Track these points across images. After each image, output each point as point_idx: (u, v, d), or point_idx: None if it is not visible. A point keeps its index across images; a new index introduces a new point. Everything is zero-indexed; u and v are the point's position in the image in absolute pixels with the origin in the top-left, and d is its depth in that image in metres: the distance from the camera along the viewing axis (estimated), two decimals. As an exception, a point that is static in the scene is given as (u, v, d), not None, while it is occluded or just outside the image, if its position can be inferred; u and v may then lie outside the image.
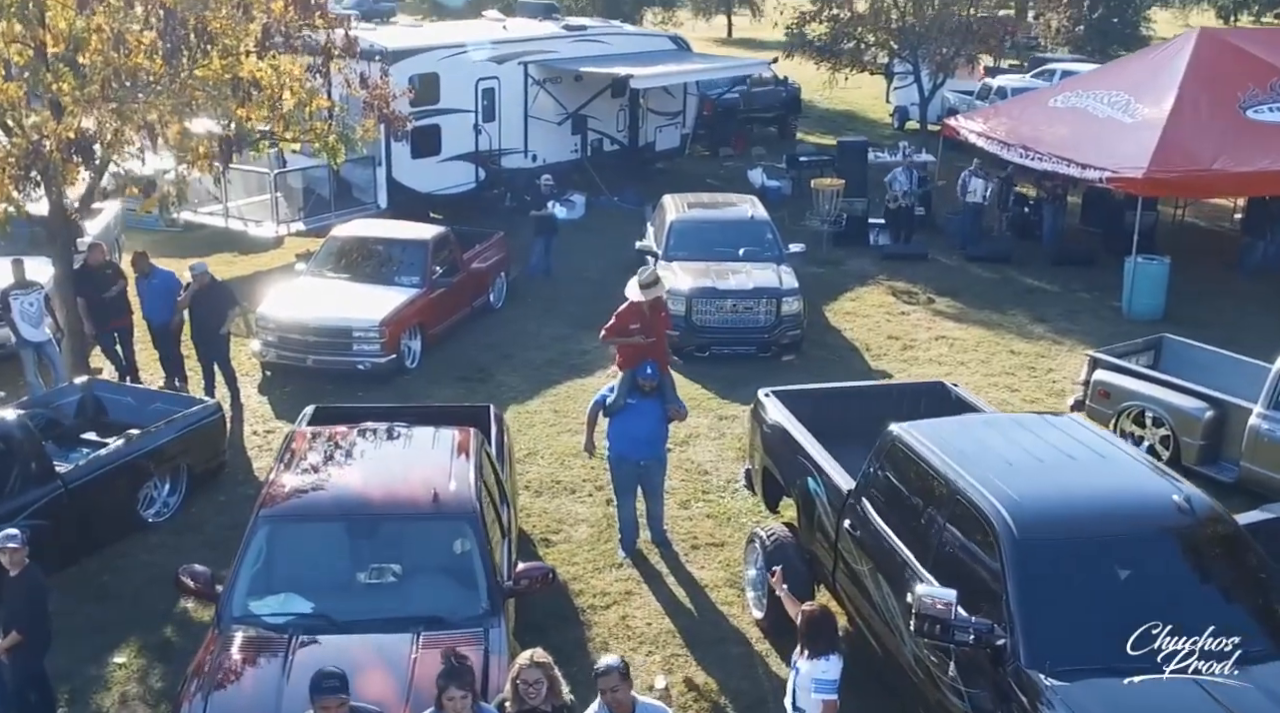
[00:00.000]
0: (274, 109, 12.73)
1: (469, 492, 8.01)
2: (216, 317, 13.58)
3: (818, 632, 6.71)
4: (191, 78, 11.99)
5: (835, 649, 6.71)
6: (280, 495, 7.96)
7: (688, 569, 10.30)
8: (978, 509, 6.82)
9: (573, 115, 23.30)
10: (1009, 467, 7.23)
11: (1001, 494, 6.81)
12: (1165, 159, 17.37)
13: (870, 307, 17.96)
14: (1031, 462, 7.34)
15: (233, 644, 7.12)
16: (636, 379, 10.16)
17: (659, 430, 10.32)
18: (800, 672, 6.75)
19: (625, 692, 6.16)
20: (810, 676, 6.67)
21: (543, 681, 6.16)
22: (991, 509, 6.72)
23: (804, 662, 6.73)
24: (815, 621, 6.76)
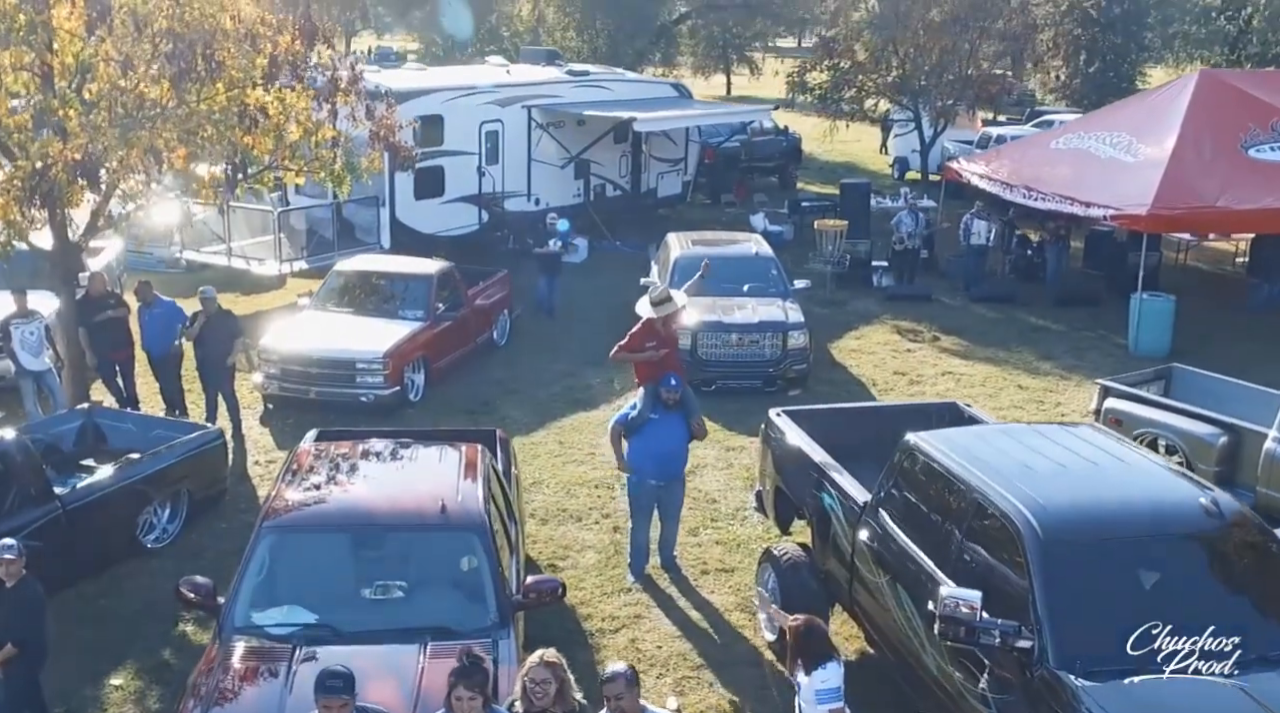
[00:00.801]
0: (279, 140, 12.71)
1: (477, 504, 7.84)
2: (223, 346, 13.46)
3: (808, 643, 6.49)
4: (198, 106, 11.98)
5: (831, 657, 6.49)
6: (284, 507, 7.79)
7: (698, 594, 10.10)
8: (1000, 513, 6.67)
9: (575, 159, 23.35)
10: (1030, 471, 7.08)
11: (1025, 497, 6.65)
12: (1169, 196, 17.39)
13: (875, 344, 17.88)
14: (1054, 467, 7.19)
15: (233, 655, 6.92)
16: (660, 392, 10.02)
17: (682, 447, 10.18)
18: (801, 687, 6.53)
19: (632, 700, 5.92)
20: (811, 688, 6.45)
21: (551, 681, 5.96)
22: (1015, 511, 6.57)
23: (802, 677, 6.51)
24: (804, 633, 6.54)
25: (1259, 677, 5.76)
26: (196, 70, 11.31)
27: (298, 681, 6.60)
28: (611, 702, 5.92)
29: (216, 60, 11.52)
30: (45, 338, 13.23)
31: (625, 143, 24.69)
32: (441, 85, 21.35)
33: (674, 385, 10.04)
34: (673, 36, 43.51)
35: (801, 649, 6.47)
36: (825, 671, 6.45)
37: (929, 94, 25.50)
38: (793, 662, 6.60)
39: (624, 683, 5.92)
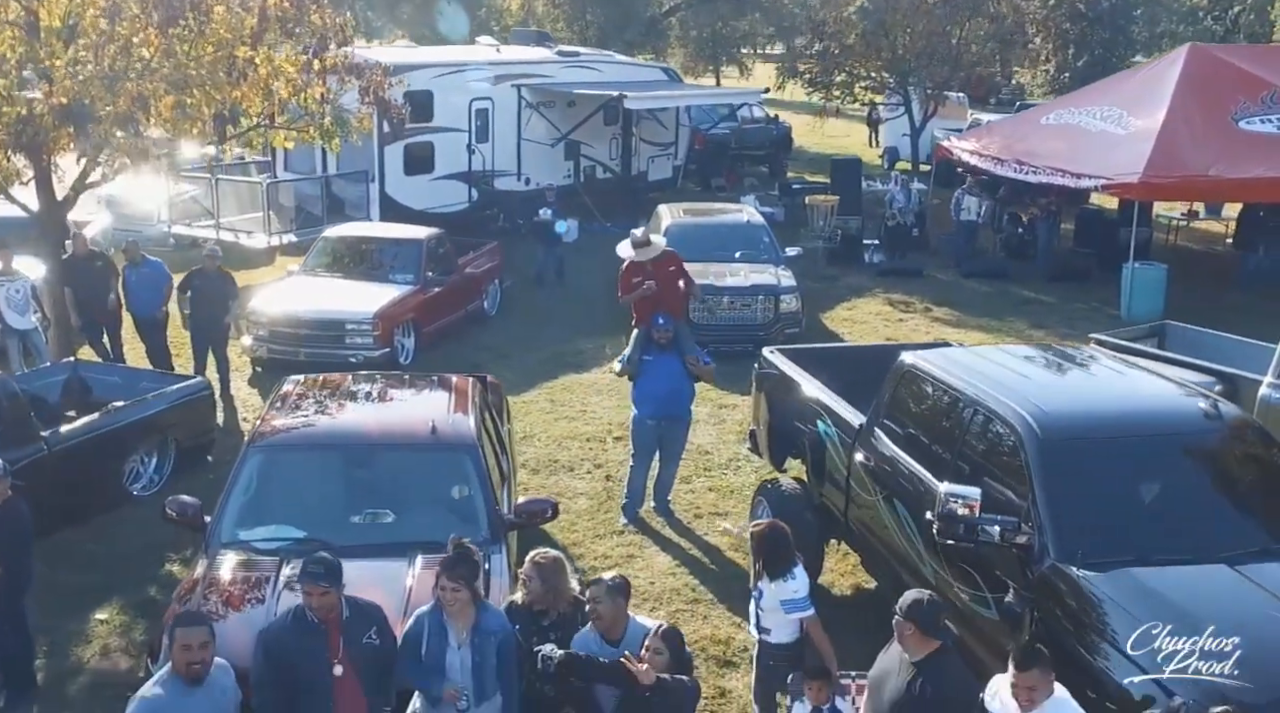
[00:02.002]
0: (268, 97, 12.62)
1: (469, 425, 7.75)
2: (220, 304, 13.32)
3: (774, 548, 6.38)
4: (187, 61, 11.88)
5: (796, 562, 6.41)
6: (271, 430, 7.68)
7: (691, 535, 10.01)
8: (999, 417, 6.59)
9: (565, 139, 23.26)
10: (1029, 380, 7.02)
11: (1022, 400, 6.58)
12: (1160, 166, 17.37)
13: (867, 314, 17.82)
14: (1052, 377, 7.15)
15: (221, 566, 6.80)
16: (651, 334, 9.93)
17: (681, 386, 10.08)
18: (765, 595, 6.41)
19: (610, 606, 5.73)
20: (778, 598, 6.34)
21: (533, 578, 5.87)
22: (1013, 414, 6.49)
23: (767, 585, 6.40)
24: (769, 537, 6.43)
25: (1261, 567, 5.68)
26: (185, 18, 11.19)
27: (285, 591, 6.48)
28: (590, 605, 5.78)
29: (205, 12, 11.41)
30: (31, 296, 13.09)
31: (616, 125, 24.62)
32: (431, 61, 21.27)
33: (661, 325, 9.95)
34: (662, 30, 43.46)
35: (766, 554, 6.38)
36: (794, 579, 6.35)
37: (919, 76, 25.47)
38: (757, 568, 6.49)
39: (604, 589, 5.76)
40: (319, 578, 5.42)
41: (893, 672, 5.22)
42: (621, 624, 5.78)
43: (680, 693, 5.46)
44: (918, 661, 5.12)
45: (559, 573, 6.12)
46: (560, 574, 6.12)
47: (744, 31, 52.17)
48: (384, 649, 5.60)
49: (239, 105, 12.41)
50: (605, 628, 5.72)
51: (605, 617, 5.74)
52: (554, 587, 6.04)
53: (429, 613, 5.69)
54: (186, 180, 20.45)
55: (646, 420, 10.03)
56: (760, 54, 61.88)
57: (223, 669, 5.31)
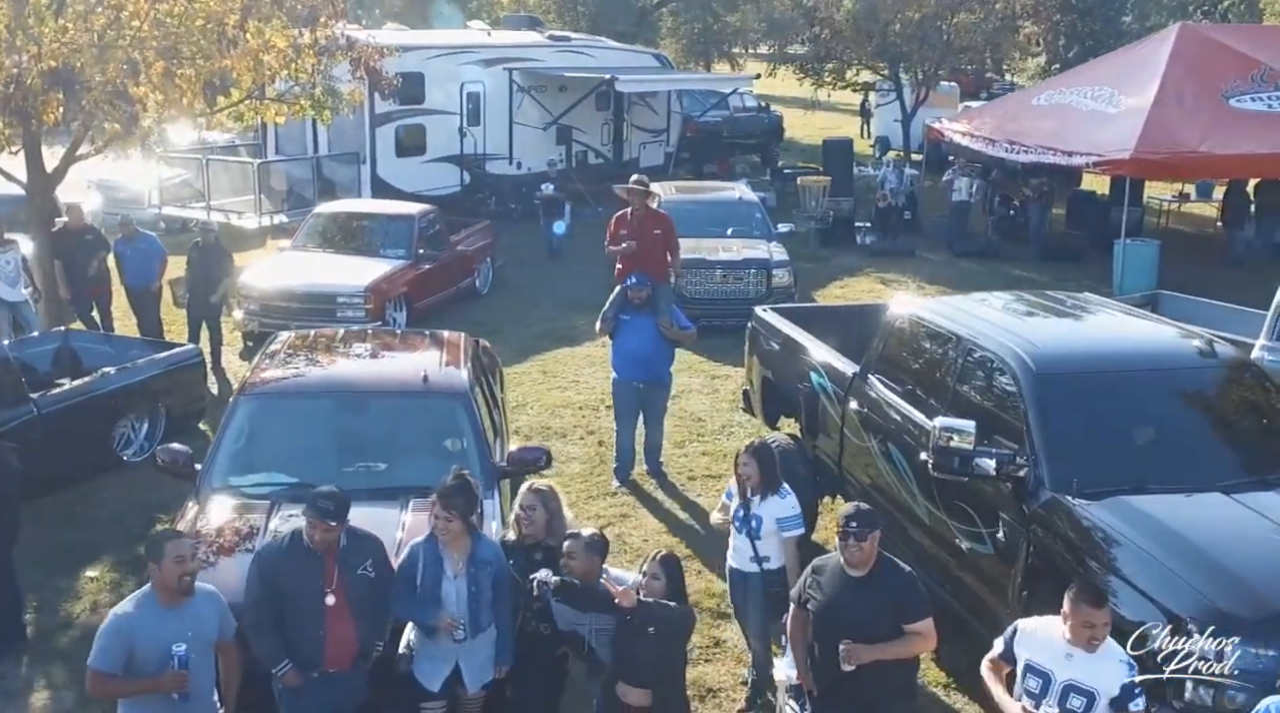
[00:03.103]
0: (258, 69, 12.58)
1: (462, 375, 7.72)
2: (215, 277, 13.28)
3: (767, 465, 6.42)
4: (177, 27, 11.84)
5: (783, 482, 6.46)
6: (261, 380, 7.63)
7: (684, 496, 9.98)
8: (993, 355, 6.57)
9: (557, 122, 23.22)
10: (1023, 321, 7.03)
11: (1016, 339, 6.57)
12: (1151, 142, 17.38)
13: (859, 292, 17.78)
14: (1046, 318, 7.14)
15: (210, 509, 6.75)
16: (626, 292, 9.91)
17: (656, 349, 10.02)
18: (763, 520, 6.41)
19: (584, 561, 5.64)
20: (775, 516, 6.39)
21: (537, 507, 5.84)
22: (1007, 351, 6.48)
23: (761, 506, 6.41)
24: (761, 454, 6.46)
25: (1257, 495, 5.66)
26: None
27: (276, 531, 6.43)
28: (564, 560, 5.71)
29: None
30: (22, 268, 13.02)
31: (607, 110, 24.60)
32: (423, 44, 21.24)
33: (634, 284, 9.89)
34: (653, 23, 43.44)
35: (764, 468, 6.39)
36: (785, 498, 6.40)
37: (911, 60, 25.49)
38: (747, 495, 6.47)
39: (581, 545, 5.68)
40: (327, 514, 5.38)
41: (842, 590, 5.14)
42: (594, 578, 5.70)
43: (672, 618, 5.42)
44: (871, 572, 5.11)
45: (559, 501, 6.12)
46: (559, 503, 6.12)
47: (735, 27, 52.25)
48: (379, 582, 5.56)
49: (229, 76, 12.35)
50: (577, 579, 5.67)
51: (577, 572, 5.68)
52: (556, 512, 6.03)
53: (424, 544, 5.66)
54: (177, 163, 20.47)
55: (624, 383, 10.01)
56: (751, 53, 61.97)
57: (207, 595, 5.26)
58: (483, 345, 10.35)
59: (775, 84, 35.90)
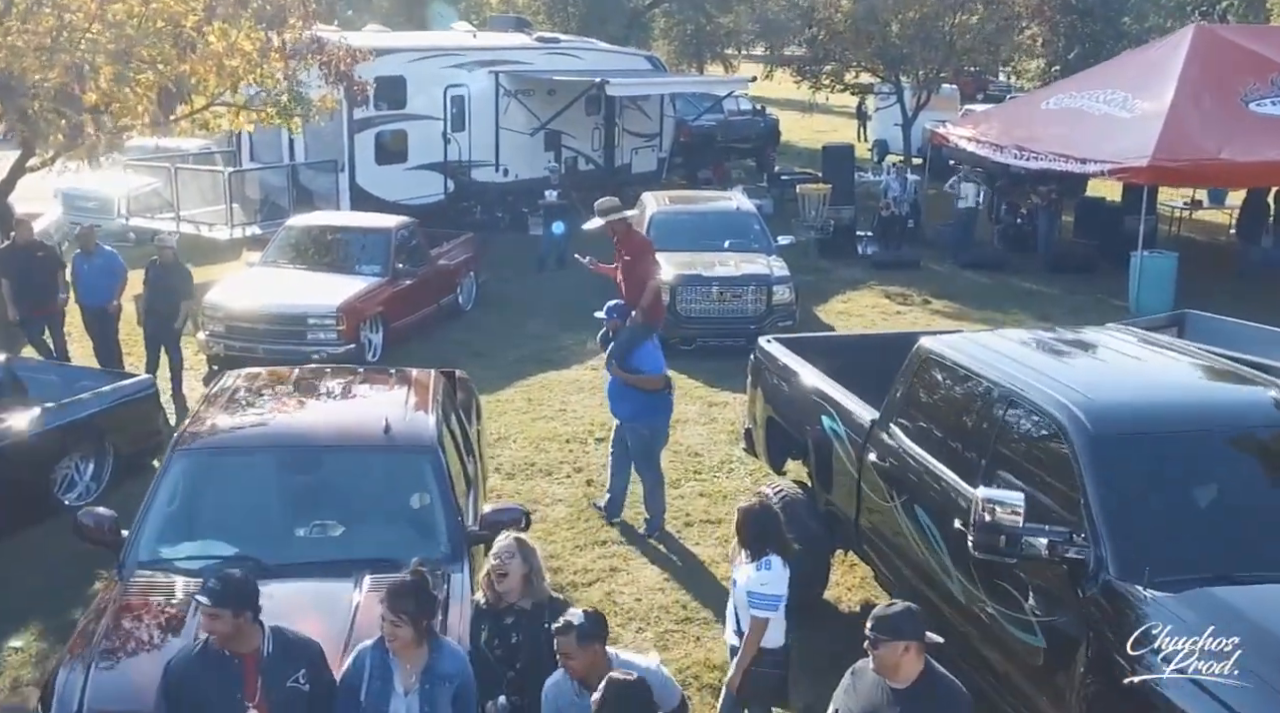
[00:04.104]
0: (221, 71, 11.67)
1: (428, 424, 6.80)
2: (173, 298, 12.35)
3: (758, 529, 5.64)
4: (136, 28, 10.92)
5: (776, 554, 5.61)
6: (201, 430, 6.71)
7: (680, 545, 9.07)
8: (1039, 409, 5.67)
9: (545, 128, 22.28)
10: (1068, 366, 6.13)
11: (1066, 390, 5.66)
12: (1169, 149, 16.51)
13: (863, 307, 16.94)
14: (1093, 361, 6.24)
15: (131, 595, 5.81)
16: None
17: (614, 388, 9.18)
18: (738, 581, 5.61)
19: (584, 657, 4.78)
20: (748, 588, 5.55)
21: (516, 557, 4.98)
22: (1056, 404, 5.57)
23: (743, 564, 5.62)
24: (755, 515, 5.70)
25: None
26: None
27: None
28: (560, 658, 4.84)
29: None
30: (-33, 289, 12.09)
31: (598, 115, 23.68)
32: (404, 46, 20.31)
33: (602, 316, 9.20)
34: (645, 24, 42.53)
35: (749, 533, 5.59)
36: (769, 569, 5.54)
37: (912, 62, 24.60)
38: (737, 547, 5.71)
39: (573, 640, 4.78)
40: (211, 596, 4.48)
41: (879, 703, 4.33)
42: (600, 668, 4.82)
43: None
44: (913, 686, 4.26)
45: (538, 557, 5.29)
46: (539, 559, 5.28)
47: (728, 28, 51.36)
48: (314, 696, 4.66)
49: (188, 82, 11.43)
50: (582, 677, 4.78)
51: (580, 671, 4.80)
52: (536, 569, 5.19)
53: (371, 650, 4.76)
54: (147, 171, 19.52)
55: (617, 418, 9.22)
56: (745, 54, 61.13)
57: None
58: (459, 376, 9.50)
59: (771, 86, 35.06)
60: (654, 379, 9.10)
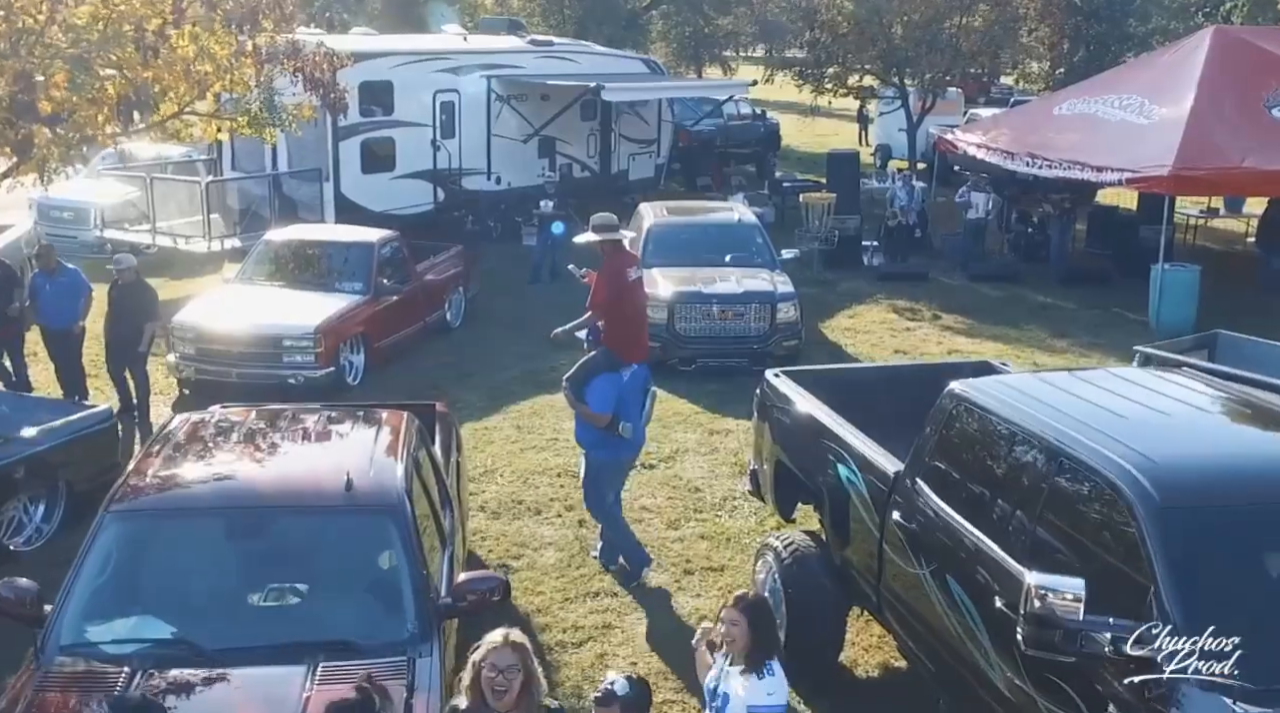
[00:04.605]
0: (188, 75, 10.89)
1: (394, 479, 6.03)
2: (136, 326, 11.62)
3: (761, 629, 4.85)
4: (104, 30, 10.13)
5: (776, 657, 4.86)
6: (139, 486, 5.94)
7: (680, 598, 8.30)
8: (1093, 471, 4.91)
9: (539, 134, 21.50)
10: (1123, 420, 5.34)
11: (1127, 452, 4.90)
12: (1191, 157, 15.75)
13: (871, 322, 16.17)
14: (1152, 415, 5.46)
15: (47, 684, 5.05)
16: None
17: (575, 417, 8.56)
18: (731, 699, 4.80)
19: None
20: (752, 701, 4.75)
21: (517, 668, 4.22)
22: (1116, 468, 4.80)
23: (738, 678, 4.82)
24: (759, 612, 4.91)
25: None
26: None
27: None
28: None
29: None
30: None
31: (594, 120, 22.91)
32: (391, 49, 19.55)
33: (586, 334, 8.75)
34: (643, 26, 41.78)
35: (753, 636, 4.77)
36: (772, 677, 4.79)
37: (918, 65, 23.84)
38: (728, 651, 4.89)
39: (618, 710, 4.30)
40: None
41: None
42: None
43: None
44: None
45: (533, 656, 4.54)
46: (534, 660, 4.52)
47: (727, 30, 50.63)
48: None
49: (151, 89, 10.67)
50: None
51: None
52: (534, 674, 4.44)
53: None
54: (125, 181, 18.76)
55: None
56: (744, 57, 60.45)
57: None
58: (439, 411, 8.75)
59: (770, 89, 34.29)
60: (595, 416, 8.37)
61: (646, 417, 8.72)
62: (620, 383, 8.37)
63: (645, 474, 10.48)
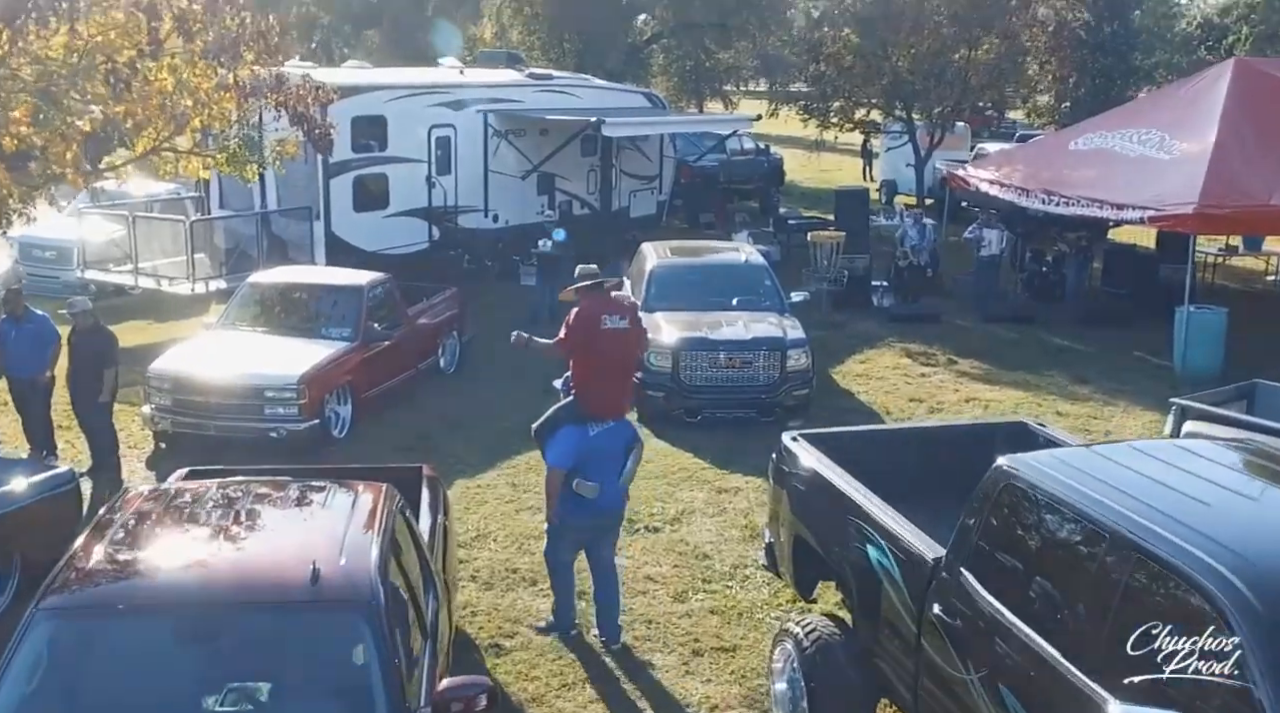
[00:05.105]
0: (164, 110, 10.28)
1: (367, 567, 5.29)
2: (96, 373, 10.96)
3: None
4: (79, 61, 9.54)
5: None
6: (77, 578, 5.21)
7: (690, 683, 7.54)
8: (1180, 573, 4.20)
9: (538, 170, 20.89)
10: (1207, 508, 4.63)
11: (1218, 550, 4.19)
12: (1216, 193, 15.10)
13: (883, 368, 15.47)
14: (1237, 500, 4.76)
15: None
16: None
17: None
18: None
19: None
20: None
21: None
22: (1205, 568, 4.10)
23: None
24: None
25: None
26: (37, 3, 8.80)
27: None
28: None
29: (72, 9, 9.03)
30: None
31: (594, 156, 22.30)
32: (384, 83, 18.97)
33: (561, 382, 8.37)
34: (644, 60, 41.35)
35: None
36: None
37: (927, 99, 23.28)
38: None
39: None
40: None
41: None
42: None
43: None
44: None
45: None
46: None
47: (728, 64, 50.29)
48: None
49: (123, 124, 10.04)
50: None
51: None
52: None
53: None
54: (111, 219, 18.15)
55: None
56: (745, 91, 60.16)
57: None
58: (428, 475, 8.05)
59: (772, 123, 33.79)
60: (550, 469, 7.85)
61: (627, 477, 8.04)
62: (584, 438, 7.80)
63: (649, 538, 9.77)
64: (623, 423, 8.12)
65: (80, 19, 9.24)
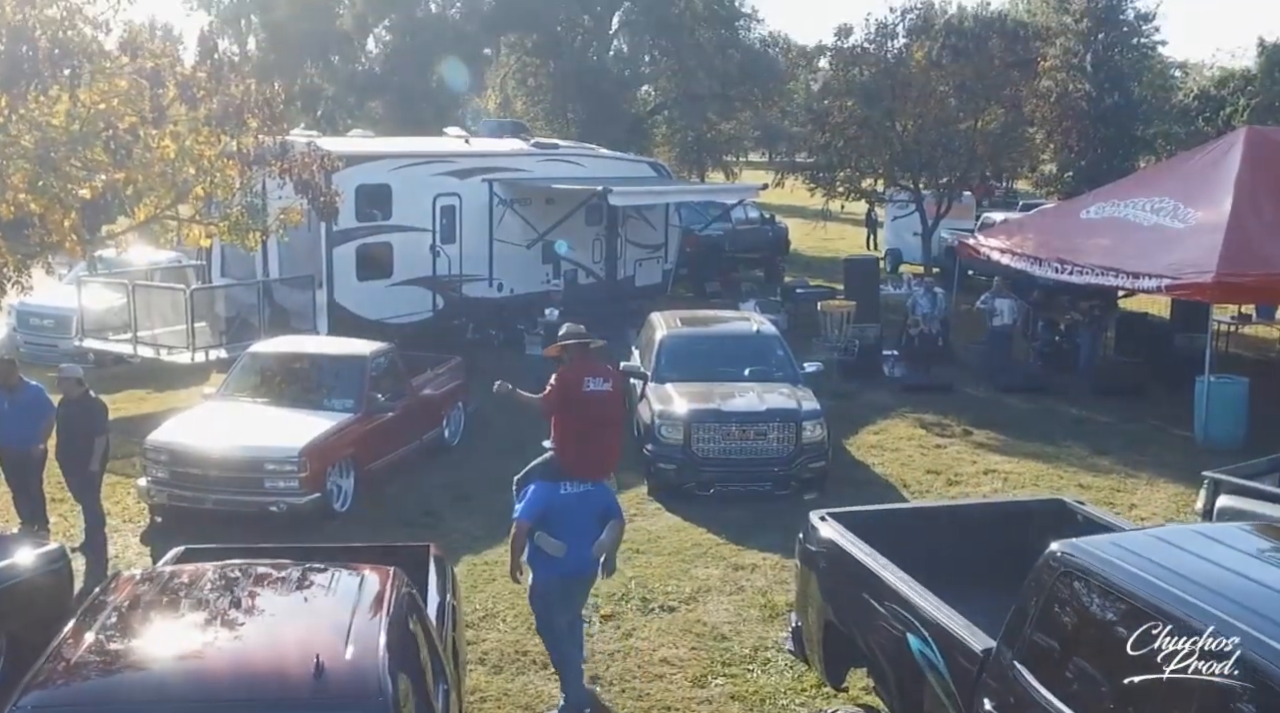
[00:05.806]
0: (165, 177, 10.07)
1: (374, 662, 4.91)
2: (86, 444, 10.62)
3: None
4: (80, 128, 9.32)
5: None
6: (61, 673, 4.82)
7: (713, 778, 7.12)
8: (1267, 672, 3.81)
9: (543, 239, 20.70)
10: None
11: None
12: (1235, 261, 14.86)
13: (898, 439, 15.10)
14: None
15: None
16: None
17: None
18: None
19: None
20: None
21: None
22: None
23: None
24: None
25: None
26: (38, 69, 8.61)
27: None
28: None
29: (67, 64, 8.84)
30: None
31: (599, 225, 22.13)
32: (389, 151, 18.84)
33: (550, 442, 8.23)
34: (647, 130, 41.51)
35: None
36: None
37: (934, 168, 23.18)
38: None
39: None
40: None
41: None
42: None
43: None
44: None
45: None
46: None
47: (729, 135, 50.59)
48: None
49: (123, 192, 9.81)
50: None
51: None
52: None
53: None
54: (111, 287, 17.91)
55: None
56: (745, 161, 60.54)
57: None
58: (435, 555, 7.67)
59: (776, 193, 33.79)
60: (515, 522, 7.84)
61: (600, 547, 7.79)
62: (554, 494, 7.72)
63: (665, 618, 9.36)
64: (600, 488, 7.99)
65: (83, 86, 9.02)
